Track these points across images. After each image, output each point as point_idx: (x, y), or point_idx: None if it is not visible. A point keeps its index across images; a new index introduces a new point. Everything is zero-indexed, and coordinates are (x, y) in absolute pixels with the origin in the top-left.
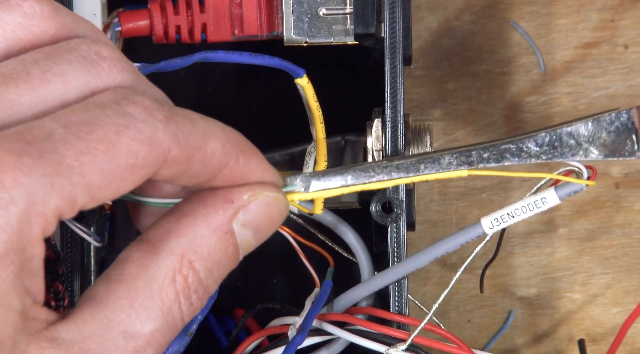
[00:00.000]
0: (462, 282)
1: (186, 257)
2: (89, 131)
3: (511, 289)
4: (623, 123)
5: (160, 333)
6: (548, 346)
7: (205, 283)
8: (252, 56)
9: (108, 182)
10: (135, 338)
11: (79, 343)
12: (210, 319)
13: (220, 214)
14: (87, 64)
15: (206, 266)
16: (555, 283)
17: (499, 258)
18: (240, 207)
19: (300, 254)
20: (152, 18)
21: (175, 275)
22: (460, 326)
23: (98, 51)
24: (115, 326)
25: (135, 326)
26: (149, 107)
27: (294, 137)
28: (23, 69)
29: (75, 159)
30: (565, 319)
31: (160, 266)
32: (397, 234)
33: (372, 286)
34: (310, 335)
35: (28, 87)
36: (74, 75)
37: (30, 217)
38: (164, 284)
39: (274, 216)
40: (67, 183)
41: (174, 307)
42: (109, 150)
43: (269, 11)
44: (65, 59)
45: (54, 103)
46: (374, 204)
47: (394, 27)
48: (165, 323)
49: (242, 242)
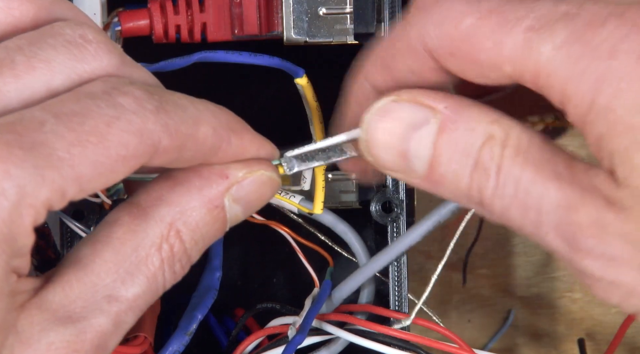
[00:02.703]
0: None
1: (174, 226)
2: (80, 122)
3: (511, 289)
4: None
5: (143, 299)
6: (548, 346)
7: (190, 253)
8: (252, 56)
9: (98, 173)
10: (118, 302)
11: (65, 306)
12: (210, 319)
13: (214, 188)
14: (72, 49)
15: (192, 237)
16: (555, 282)
17: (499, 258)
18: (234, 183)
19: (300, 254)
20: (152, 18)
21: (162, 243)
22: (461, 326)
23: (83, 34)
24: (100, 290)
25: (120, 291)
26: (140, 98)
27: (294, 137)
28: (7, 56)
29: (67, 151)
30: (565, 319)
31: (148, 233)
32: (397, 233)
33: (368, 271)
34: (310, 335)
35: (13, 75)
36: (60, 60)
37: (20, 209)
38: (150, 252)
39: (266, 194)
40: (58, 175)
41: (158, 274)
42: (100, 142)
43: (268, 11)
44: (49, 44)
45: (41, 90)
46: (373, 204)
47: (394, 26)
48: (148, 289)
49: (230, 216)
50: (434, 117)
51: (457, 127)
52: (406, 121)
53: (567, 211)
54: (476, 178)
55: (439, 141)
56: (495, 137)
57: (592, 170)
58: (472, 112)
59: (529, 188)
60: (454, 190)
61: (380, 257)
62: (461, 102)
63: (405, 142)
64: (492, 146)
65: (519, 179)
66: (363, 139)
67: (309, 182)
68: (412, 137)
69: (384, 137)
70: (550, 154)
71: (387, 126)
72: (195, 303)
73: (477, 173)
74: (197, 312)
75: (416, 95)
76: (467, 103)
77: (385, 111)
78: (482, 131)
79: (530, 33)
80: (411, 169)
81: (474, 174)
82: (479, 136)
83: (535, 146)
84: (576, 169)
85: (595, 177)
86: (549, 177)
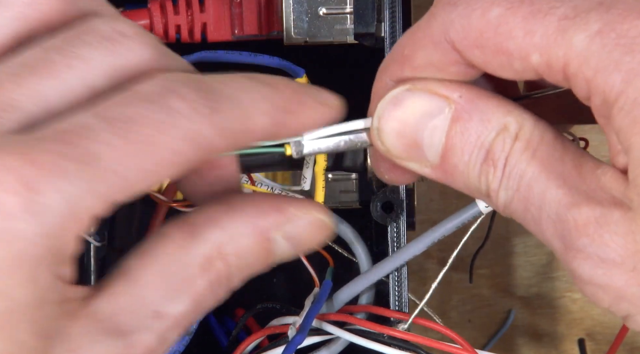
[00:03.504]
0: (463, 282)
1: (222, 249)
2: (132, 129)
3: (511, 289)
4: None
5: (188, 318)
6: (548, 346)
7: (232, 279)
8: (252, 56)
9: (147, 179)
10: (164, 320)
11: (113, 317)
12: (210, 319)
13: (267, 221)
14: (109, 45)
15: (238, 264)
16: (555, 282)
17: (499, 258)
18: (289, 220)
19: (300, 254)
20: (152, 17)
21: (207, 264)
22: (461, 326)
23: (117, 29)
24: (147, 305)
25: (166, 307)
26: (193, 100)
27: None
28: (45, 56)
29: (118, 162)
30: (565, 318)
31: (197, 251)
32: (397, 233)
33: (372, 277)
34: (310, 335)
35: (52, 75)
36: (97, 57)
37: (70, 223)
38: (196, 272)
39: (316, 238)
40: (107, 187)
41: (202, 295)
42: (153, 151)
43: (268, 11)
44: (85, 41)
45: (81, 89)
46: (374, 203)
47: (394, 26)
48: (192, 308)
49: (277, 252)
50: (447, 106)
51: (472, 118)
52: (420, 109)
53: (567, 209)
54: (485, 169)
55: (452, 130)
56: (509, 129)
57: (600, 168)
58: (487, 103)
59: (532, 184)
60: (465, 180)
61: (383, 265)
62: (477, 92)
63: (419, 131)
64: (504, 138)
65: (523, 174)
66: (375, 127)
67: (309, 182)
68: (426, 126)
69: (396, 126)
70: (560, 150)
71: (400, 115)
72: None
73: (486, 164)
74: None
75: (431, 84)
76: (483, 93)
77: (398, 99)
78: (497, 121)
79: (564, 21)
80: (423, 158)
81: (484, 166)
82: (494, 127)
83: (545, 141)
84: (585, 166)
85: (603, 176)
86: (554, 175)
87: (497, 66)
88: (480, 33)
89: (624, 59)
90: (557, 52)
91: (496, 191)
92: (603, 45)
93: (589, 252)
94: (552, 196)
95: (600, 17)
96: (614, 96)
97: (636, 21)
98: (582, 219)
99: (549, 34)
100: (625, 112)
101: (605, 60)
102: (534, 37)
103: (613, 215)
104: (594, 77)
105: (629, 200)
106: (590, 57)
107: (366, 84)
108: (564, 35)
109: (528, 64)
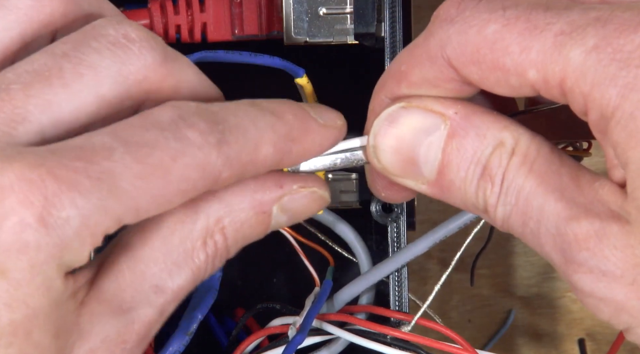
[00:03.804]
0: (463, 282)
1: (221, 222)
2: (148, 154)
3: (511, 289)
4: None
5: (186, 290)
6: (548, 346)
7: (230, 250)
8: (252, 56)
9: (157, 204)
10: (165, 294)
11: (117, 295)
12: (210, 319)
13: (267, 195)
14: (117, 50)
15: (235, 236)
16: (556, 282)
17: (499, 258)
18: (287, 194)
19: (301, 254)
20: (152, 17)
21: (207, 238)
22: (461, 326)
23: (125, 34)
24: (148, 279)
25: (167, 282)
26: (204, 131)
27: None
28: (55, 64)
29: (132, 183)
30: (566, 318)
31: (196, 225)
32: (397, 233)
33: (372, 277)
34: (310, 335)
35: (62, 84)
36: (105, 65)
37: (82, 238)
38: (196, 245)
39: (312, 210)
40: (120, 206)
41: (202, 268)
42: (164, 176)
43: (269, 11)
44: (94, 48)
45: (89, 98)
46: (374, 204)
47: (394, 26)
48: (191, 281)
49: (274, 224)
50: (443, 123)
51: (467, 134)
52: (415, 126)
53: (566, 222)
54: (482, 185)
55: (448, 146)
56: (505, 145)
57: (598, 181)
58: (482, 119)
59: (530, 198)
60: (462, 197)
61: (383, 266)
62: (472, 108)
63: (415, 147)
64: (501, 153)
65: (521, 189)
66: (371, 145)
67: None
68: (422, 143)
69: (392, 143)
70: (557, 164)
71: (396, 132)
72: (196, 303)
73: (483, 180)
74: (198, 312)
75: (426, 101)
76: (478, 109)
77: (394, 117)
78: (493, 137)
79: (560, 36)
80: (419, 175)
81: (481, 182)
82: (490, 142)
83: (542, 155)
84: (582, 180)
85: (601, 189)
86: (552, 189)
87: (494, 82)
88: (476, 49)
89: (620, 73)
90: (553, 68)
91: (494, 206)
92: (599, 60)
93: (590, 266)
94: (550, 210)
95: (596, 32)
96: (610, 110)
97: (632, 36)
98: (582, 233)
99: (546, 50)
100: (621, 126)
101: (601, 74)
102: (530, 53)
103: (612, 228)
104: (590, 92)
105: (627, 213)
106: (586, 72)
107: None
108: (560, 51)
109: (525, 80)
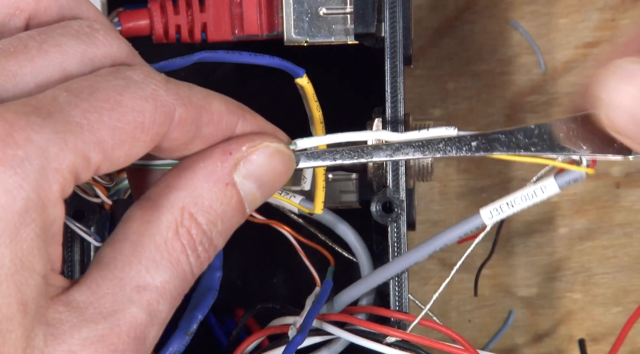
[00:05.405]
0: (463, 282)
1: (187, 209)
2: (91, 92)
3: (511, 289)
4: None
5: (172, 284)
6: (548, 346)
7: (210, 235)
8: (252, 56)
9: (120, 140)
10: (148, 291)
11: (93, 303)
12: (210, 319)
13: (219, 166)
14: (82, 36)
15: (208, 218)
16: (556, 282)
17: (499, 258)
18: (239, 159)
19: (301, 254)
20: (152, 17)
21: (177, 228)
22: (461, 326)
23: (90, 25)
24: (127, 283)
25: (146, 279)
26: (147, 71)
27: (294, 137)
28: (20, 43)
29: (83, 117)
30: (566, 319)
31: (162, 220)
32: (398, 233)
33: (372, 281)
34: (311, 335)
35: (27, 58)
36: (71, 45)
37: (47, 174)
38: (167, 237)
39: (278, 168)
40: (79, 140)
41: (181, 258)
42: (115, 108)
43: (269, 11)
44: (59, 33)
45: (55, 73)
46: (374, 204)
47: (394, 26)
48: (175, 273)
49: (246, 194)
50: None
51: None
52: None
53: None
54: None
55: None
56: None
57: None
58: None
59: None
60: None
61: (383, 270)
62: None
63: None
64: None
65: None
66: (603, 100)
67: (309, 182)
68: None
69: (629, 104)
70: None
71: (631, 90)
72: (196, 303)
73: None
74: (198, 312)
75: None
76: None
77: (630, 73)
78: None
79: None
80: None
81: None
82: None
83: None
84: None
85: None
86: None
87: None
88: None
89: None
90: None
91: None
92: None
93: None
94: None
95: None
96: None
97: None
98: None
99: None
100: None
101: None
102: None
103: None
104: None
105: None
106: None
107: (366, 84)
108: None
109: None
